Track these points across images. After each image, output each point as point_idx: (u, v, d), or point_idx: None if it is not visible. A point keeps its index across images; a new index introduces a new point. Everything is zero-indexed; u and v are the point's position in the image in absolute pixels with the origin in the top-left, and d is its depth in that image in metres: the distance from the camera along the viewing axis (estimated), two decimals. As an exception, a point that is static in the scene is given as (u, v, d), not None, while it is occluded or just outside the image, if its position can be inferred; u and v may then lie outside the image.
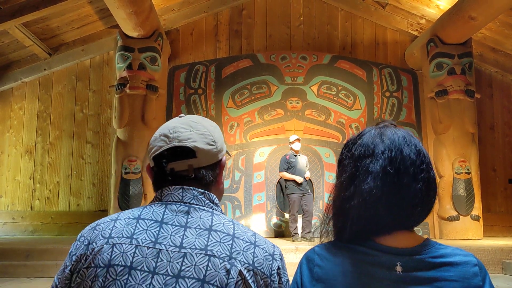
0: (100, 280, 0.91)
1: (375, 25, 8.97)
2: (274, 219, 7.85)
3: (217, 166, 1.10)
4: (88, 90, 8.67)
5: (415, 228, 0.98)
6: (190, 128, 1.07)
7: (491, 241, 7.09)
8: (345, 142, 1.06)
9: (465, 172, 7.45)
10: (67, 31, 8.32)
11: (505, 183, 8.74)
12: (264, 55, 8.55)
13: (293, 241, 6.92)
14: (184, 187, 1.04)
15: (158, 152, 1.06)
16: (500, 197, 8.73)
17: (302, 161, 7.16)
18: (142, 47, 7.56)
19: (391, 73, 8.60)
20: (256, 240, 1.00)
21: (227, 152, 1.17)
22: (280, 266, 1.00)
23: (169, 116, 8.21)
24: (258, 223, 7.82)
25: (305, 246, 6.18)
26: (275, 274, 0.98)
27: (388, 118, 8.26)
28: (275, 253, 1.01)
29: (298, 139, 7.20)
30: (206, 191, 1.05)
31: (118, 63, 7.60)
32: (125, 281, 0.90)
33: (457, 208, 7.36)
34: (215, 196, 1.07)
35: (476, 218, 7.37)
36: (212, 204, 1.04)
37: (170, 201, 1.02)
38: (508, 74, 8.94)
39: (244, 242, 0.98)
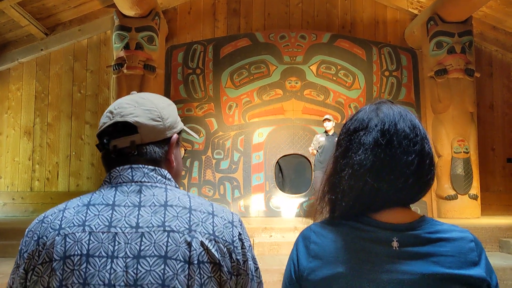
0: (58, 274, 0.88)
1: (375, 4, 8.87)
2: (273, 199, 7.89)
3: (165, 143, 1.05)
4: (85, 70, 8.61)
5: (413, 208, 0.97)
6: (136, 104, 1.03)
7: (489, 219, 7.14)
8: (344, 122, 1.06)
9: (464, 151, 7.45)
10: (63, 10, 8.21)
11: (503, 162, 8.76)
12: (262, 34, 8.46)
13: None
14: (133, 166, 1.00)
15: (101, 128, 1.03)
16: (499, 176, 8.77)
17: (334, 141, 6.97)
18: (139, 27, 7.47)
19: (390, 52, 8.54)
20: (214, 210, 0.99)
21: (182, 145, 1.14)
22: (241, 232, 0.99)
23: (167, 96, 8.15)
24: (257, 203, 7.86)
25: (304, 226, 6.20)
26: (237, 240, 0.97)
27: (388, 97, 8.24)
28: (234, 220, 1.00)
29: (327, 119, 7.14)
30: (157, 167, 1.02)
31: (115, 43, 7.52)
32: (84, 269, 0.88)
33: (455, 187, 7.39)
34: (167, 171, 1.03)
35: (474, 197, 7.41)
36: (164, 180, 1.01)
37: (120, 182, 0.99)
38: (508, 53, 8.88)
39: (202, 213, 0.96)
